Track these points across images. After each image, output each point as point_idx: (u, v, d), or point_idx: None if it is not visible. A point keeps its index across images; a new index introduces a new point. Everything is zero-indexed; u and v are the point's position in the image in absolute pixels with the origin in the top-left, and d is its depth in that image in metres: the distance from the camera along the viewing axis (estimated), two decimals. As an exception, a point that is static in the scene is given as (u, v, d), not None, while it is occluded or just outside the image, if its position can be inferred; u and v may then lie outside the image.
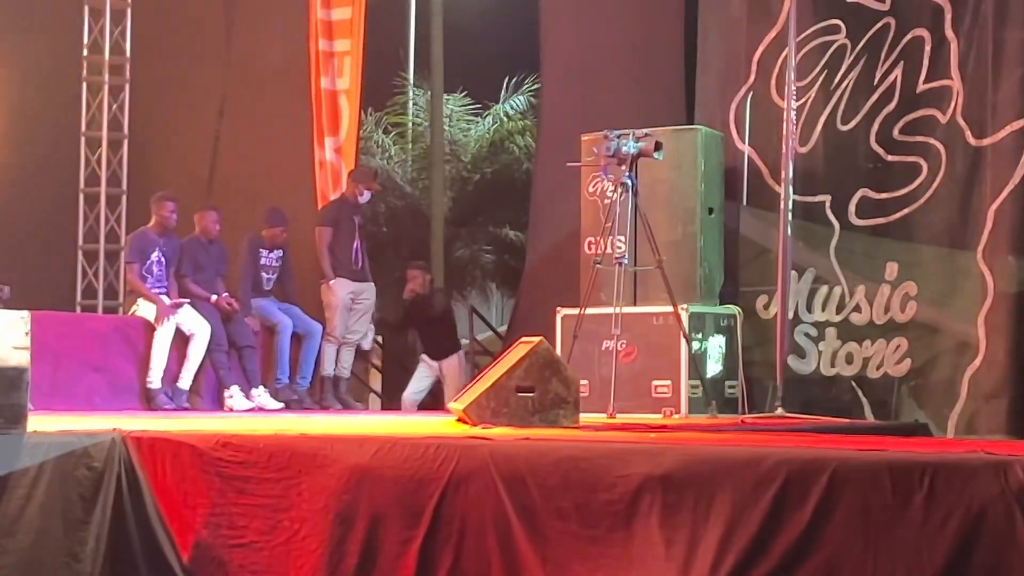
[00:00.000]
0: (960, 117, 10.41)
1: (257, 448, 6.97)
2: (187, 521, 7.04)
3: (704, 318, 10.89)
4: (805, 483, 5.54)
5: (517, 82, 20.65)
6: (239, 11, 14.31)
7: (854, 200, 10.85)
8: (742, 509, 5.63)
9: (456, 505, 6.31)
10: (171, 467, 7.10)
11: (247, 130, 14.08)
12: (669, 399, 10.60)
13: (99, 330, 12.03)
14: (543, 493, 6.09)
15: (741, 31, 11.55)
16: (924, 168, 10.54)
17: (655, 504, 5.83)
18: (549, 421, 8.39)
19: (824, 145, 11.05)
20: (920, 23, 10.64)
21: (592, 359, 10.64)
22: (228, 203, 13.07)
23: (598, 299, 10.72)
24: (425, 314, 13.26)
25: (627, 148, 10.45)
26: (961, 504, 5.27)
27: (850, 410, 10.64)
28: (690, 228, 11.08)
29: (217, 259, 12.29)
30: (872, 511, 5.42)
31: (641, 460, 5.97)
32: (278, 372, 12.29)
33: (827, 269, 10.96)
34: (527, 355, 8.53)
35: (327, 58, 13.74)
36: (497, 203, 20.09)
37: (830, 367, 10.89)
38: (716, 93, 11.67)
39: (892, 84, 10.74)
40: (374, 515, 6.52)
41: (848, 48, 10.97)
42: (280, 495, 6.81)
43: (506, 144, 20.22)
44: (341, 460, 6.69)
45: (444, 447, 6.47)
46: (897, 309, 10.62)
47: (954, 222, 10.40)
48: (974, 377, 10.17)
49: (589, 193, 11.44)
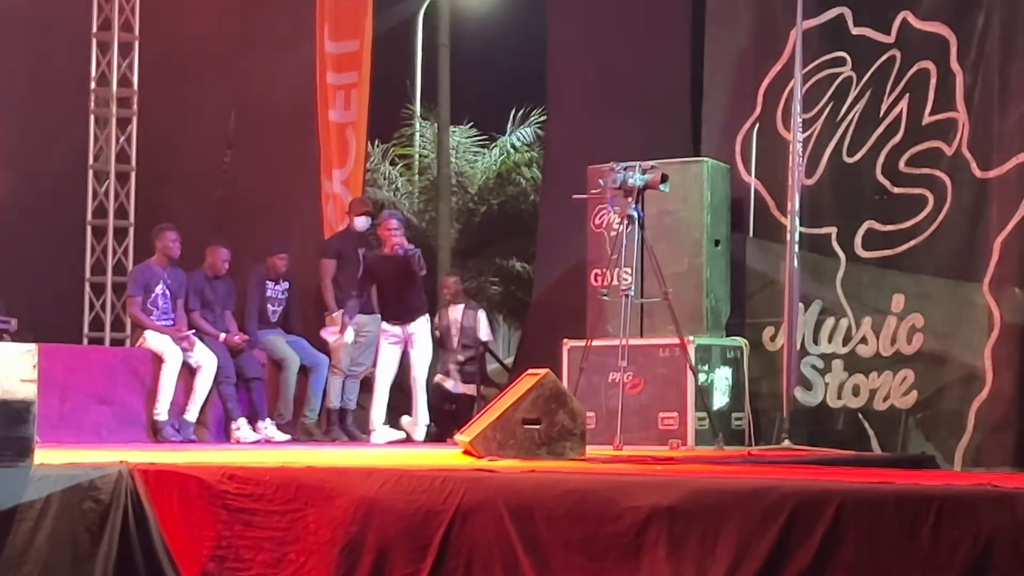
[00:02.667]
0: (966, 149, 10.40)
1: (263, 480, 6.96)
2: (193, 553, 7.02)
3: (711, 350, 10.89)
4: (811, 515, 5.53)
5: (524, 114, 20.75)
6: (247, 44, 14.36)
7: (860, 232, 10.85)
8: (748, 541, 5.62)
9: (463, 537, 6.28)
10: (178, 499, 7.10)
11: (255, 162, 14.12)
12: (676, 431, 10.59)
13: (106, 362, 12.05)
14: (550, 525, 6.07)
15: (747, 63, 11.58)
16: (930, 200, 10.53)
17: (662, 536, 5.82)
18: (556, 453, 8.39)
19: (830, 177, 11.06)
20: (925, 56, 10.64)
21: (599, 391, 10.65)
22: (235, 235, 13.10)
23: (604, 331, 10.73)
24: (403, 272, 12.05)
25: (633, 180, 10.46)
26: (968, 537, 5.26)
27: (857, 442, 10.61)
28: (696, 260, 11.08)
29: (224, 294, 12.34)
30: (878, 543, 5.41)
31: (647, 492, 5.96)
32: (281, 408, 12.29)
33: (833, 301, 10.96)
34: (533, 387, 8.53)
35: (334, 90, 13.80)
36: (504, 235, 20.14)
37: (837, 399, 10.87)
38: (722, 125, 11.70)
39: (898, 116, 10.75)
40: (381, 547, 6.49)
41: (854, 80, 10.99)
42: (286, 527, 6.79)
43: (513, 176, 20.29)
44: (348, 492, 6.68)
45: (451, 479, 6.46)
46: (904, 341, 10.61)
47: (960, 254, 10.39)
48: (981, 409, 10.13)
49: (595, 225, 11.47)
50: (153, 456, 7.88)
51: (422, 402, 12.22)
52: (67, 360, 11.52)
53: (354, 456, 9.06)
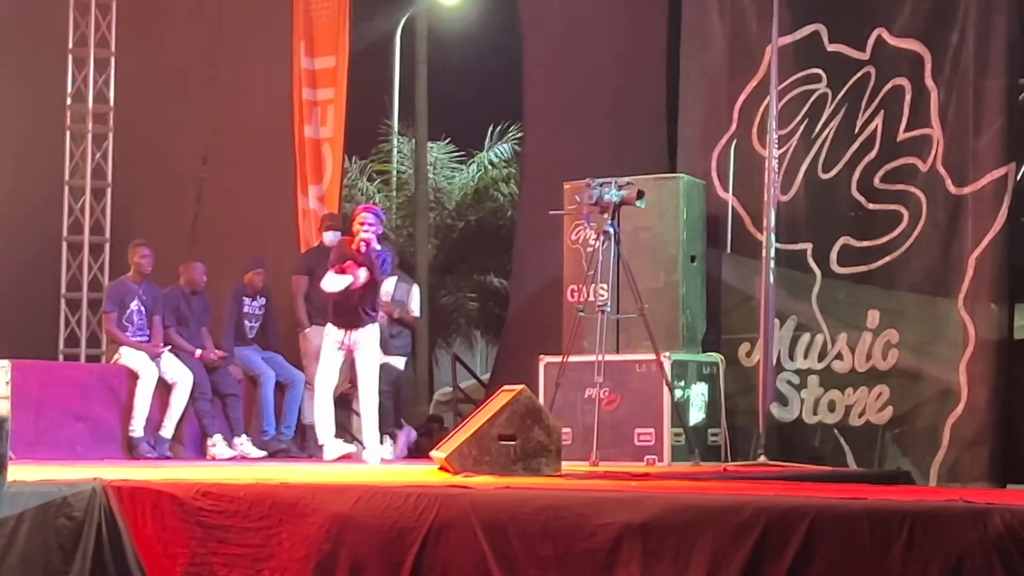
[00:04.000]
0: (941, 166, 10.45)
1: (238, 497, 6.93)
2: (167, 571, 6.99)
3: (687, 366, 10.89)
4: (784, 531, 5.54)
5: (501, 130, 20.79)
6: (223, 60, 14.35)
7: (836, 248, 10.88)
8: (722, 557, 5.63)
9: (437, 554, 6.28)
10: (151, 516, 7.06)
11: (231, 178, 14.10)
12: (652, 447, 10.58)
13: (81, 379, 12.01)
14: (524, 542, 6.07)
15: (723, 80, 11.60)
16: (905, 216, 10.57)
17: (635, 552, 5.82)
18: (531, 469, 8.38)
19: (806, 193, 11.09)
20: (900, 72, 10.68)
21: (575, 407, 10.64)
22: (211, 251, 13.10)
23: (581, 347, 10.73)
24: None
25: (609, 196, 10.51)
26: (940, 552, 5.27)
27: (833, 458, 10.64)
28: (672, 276, 11.09)
29: (200, 311, 12.32)
30: (851, 559, 5.42)
31: (622, 509, 5.96)
32: (264, 424, 12.26)
33: (809, 317, 10.98)
34: (509, 403, 8.52)
35: (311, 106, 13.79)
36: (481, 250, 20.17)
37: (812, 415, 10.89)
38: (698, 141, 11.71)
39: (873, 133, 10.78)
40: (355, 564, 6.48)
41: (829, 97, 11.02)
42: (260, 544, 6.77)
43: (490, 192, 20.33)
44: (322, 509, 6.66)
45: (425, 496, 6.45)
46: (879, 357, 10.63)
47: (935, 270, 10.43)
48: (956, 425, 10.17)
49: (572, 241, 11.47)
50: (127, 473, 7.87)
51: (371, 423, 11.31)
52: (42, 376, 11.48)
53: (329, 473, 9.04)
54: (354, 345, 11.25)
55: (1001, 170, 10.17)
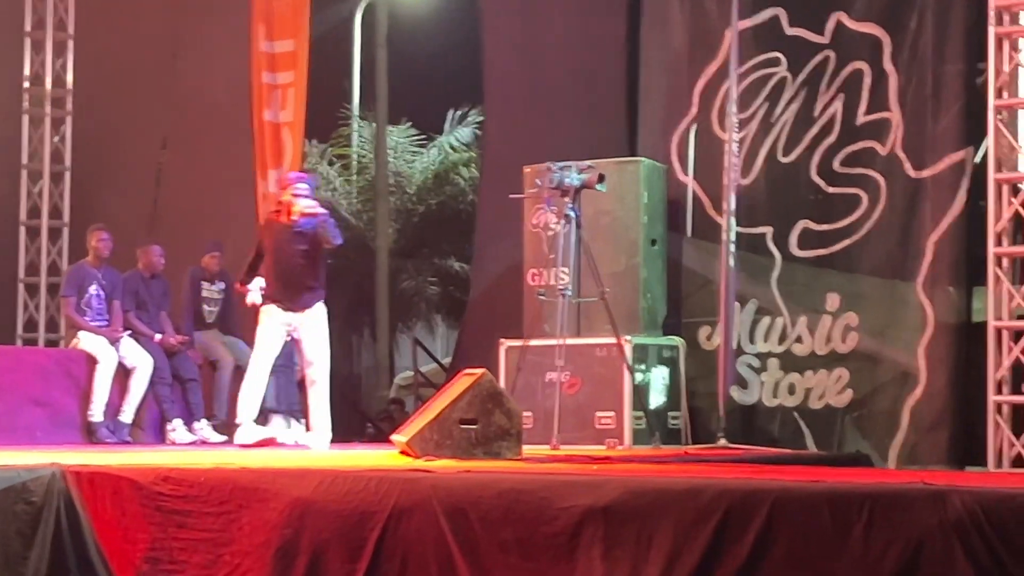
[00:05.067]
0: (900, 149, 10.49)
1: (198, 482, 6.95)
2: (127, 556, 7.01)
3: (647, 349, 10.92)
4: (745, 514, 5.58)
5: (462, 114, 20.76)
6: (182, 43, 14.28)
7: (795, 231, 10.91)
8: (683, 541, 5.66)
9: (398, 538, 6.30)
10: (111, 501, 7.08)
11: (190, 162, 14.03)
12: (613, 430, 10.60)
13: (40, 364, 11.95)
14: (485, 526, 6.10)
15: (683, 64, 11.61)
16: (864, 200, 10.61)
17: (597, 536, 5.85)
18: (492, 453, 8.43)
19: (766, 177, 11.11)
20: (859, 56, 10.71)
21: (535, 391, 10.65)
22: (171, 235, 13.04)
23: (541, 331, 10.74)
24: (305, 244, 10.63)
25: (570, 180, 10.52)
26: (900, 535, 5.32)
27: (793, 441, 10.67)
28: (633, 260, 11.11)
29: (159, 294, 12.28)
30: (812, 542, 5.46)
31: (583, 492, 5.99)
32: (215, 409, 12.22)
33: (769, 300, 11.01)
34: (470, 387, 8.57)
35: (270, 90, 13.73)
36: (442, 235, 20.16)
37: (772, 398, 10.92)
38: (658, 125, 11.73)
39: (832, 116, 10.81)
40: (316, 549, 6.50)
41: (788, 81, 11.04)
42: (221, 529, 6.79)
43: (451, 176, 20.32)
44: (283, 494, 6.68)
45: (386, 480, 6.48)
46: (839, 340, 10.67)
47: (894, 253, 10.47)
48: (915, 408, 10.22)
49: (532, 225, 11.47)
50: (86, 458, 7.86)
51: (321, 409, 10.67)
52: (0, 361, 11.43)
53: (289, 458, 9.01)
54: (300, 326, 10.64)
55: (959, 154, 10.22)
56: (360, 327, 21.23)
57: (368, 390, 20.68)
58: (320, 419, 10.68)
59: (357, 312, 20.46)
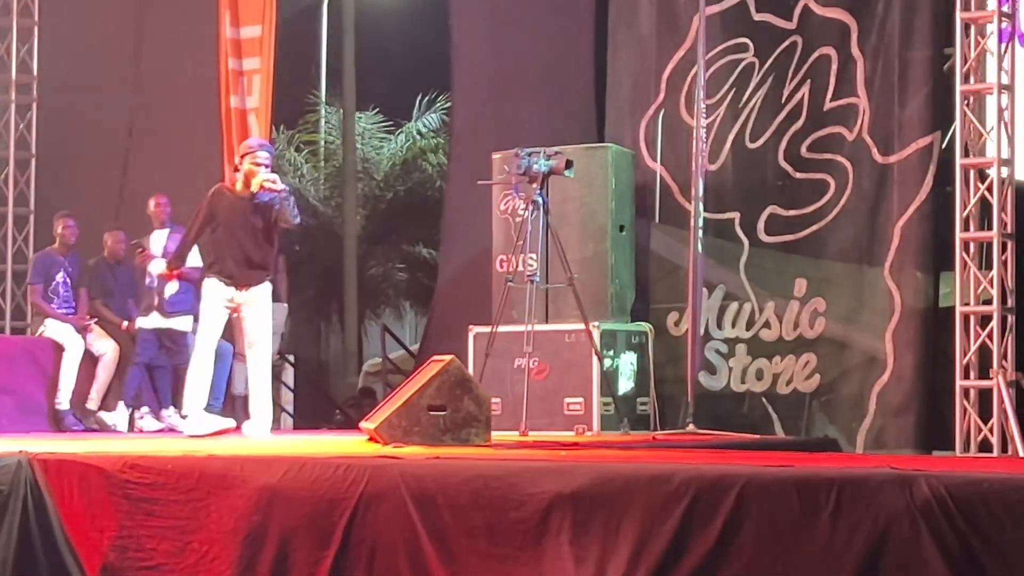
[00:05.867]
0: (867, 135, 10.53)
1: (165, 470, 6.94)
2: (95, 544, 6.99)
3: (616, 335, 10.94)
4: (714, 499, 5.60)
5: (429, 100, 20.75)
6: (148, 29, 14.23)
7: (763, 217, 10.94)
8: (651, 526, 5.68)
9: (366, 525, 6.31)
10: (78, 489, 7.06)
11: (157, 149, 13.98)
12: (581, 416, 10.63)
13: (7, 351, 11.94)
14: (453, 512, 6.12)
15: (650, 50, 11.63)
16: (832, 185, 10.64)
17: (565, 521, 5.87)
18: (461, 440, 8.44)
19: (733, 163, 11.15)
20: (826, 41, 10.74)
21: (504, 377, 10.66)
22: (138, 222, 12.97)
23: (510, 317, 10.73)
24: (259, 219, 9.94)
25: (538, 166, 10.51)
26: (867, 519, 5.34)
27: (761, 426, 10.72)
28: (601, 245, 11.13)
29: (125, 282, 12.23)
30: (780, 527, 5.48)
31: (551, 478, 6.01)
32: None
33: (737, 286, 11.05)
34: (438, 374, 8.57)
35: (236, 76, 13.68)
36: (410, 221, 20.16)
37: (740, 383, 10.96)
38: (626, 111, 11.75)
39: (800, 102, 10.84)
40: (284, 536, 6.51)
41: (756, 66, 11.07)
42: (189, 517, 6.79)
43: (419, 162, 20.32)
44: (250, 481, 6.68)
45: (354, 467, 6.48)
46: (806, 325, 10.72)
47: (861, 239, 10.51)
48: (882, 392, 10.28)
49: (500, 211, 11.49)
50: (53, 446, 7.85)
51: (262, 394, 10.01)
52: (-33, 350, 11.43)
53: (257, 444, 9.03)
54: (244, 304, 9.95)
55: (926, 139, 10.26)
56: (328, 313, 21.22)
57: (336, 377, 20.65)
58: (260, 405, 9.96)
59: (325, 299, 20.45)
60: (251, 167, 9.88)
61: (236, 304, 9.94)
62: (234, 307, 9.96)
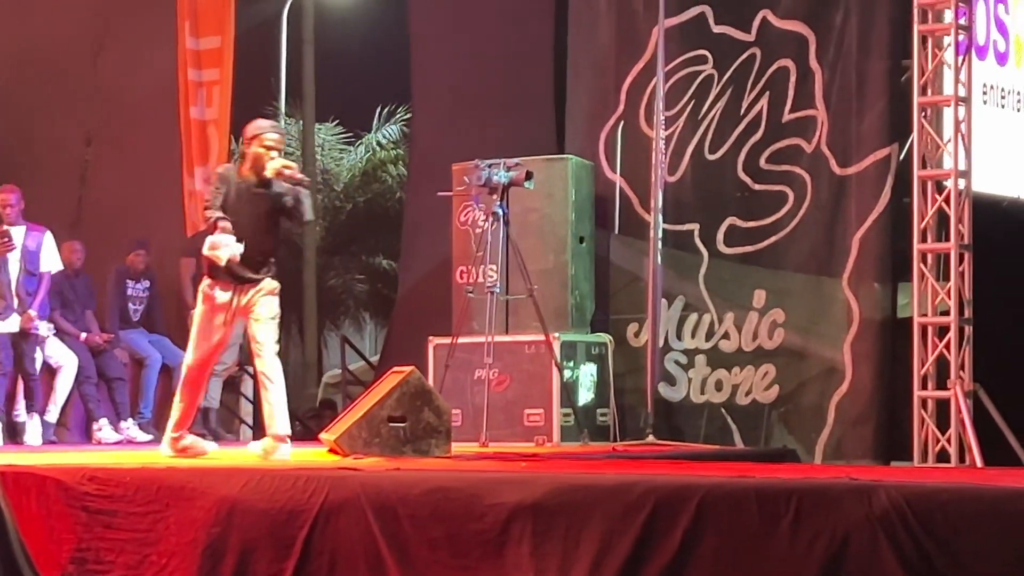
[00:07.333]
0: (825, 146, 10.61)
1: (124, 482, 6.91)
2: (53, 556, 6.94)
3: (576, 346, 10.99)
4: (673, 510, 5.62)
5: (389, 112, 20.79)
6: (107, 39, 14.20)
7: (722, 228, 11.01)
8: (612, 536, 5.70)
9: (327, 536, 6.31)
10: (36, 502, 7.01)
11: (116, 159, 13.96)
12: (541, 427, 10.67)
13: (-37, 363, 11.84)
14: (414, 524, 6.12)
15: (610, 62, 11.69)
16: (790, 197, 10.72)
17: (526, 533, 5.88)
18: (421, 451, 8.46)
19: (692, 174, 11.21)
20: (785, 54, 10.83)
21: (464, 388, 10.70)
22: (97, 233, 12.97)
23: (470, 328, 10.79)
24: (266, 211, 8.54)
25: (498, 177, 10.58)
26: (826, 529, 5.37)
27: (720, 436, 10.78)
28: (561, 257, 11.18)
29: (84, 293, 12.22)
30: (740, 537, 5.51)
31: (511, 489, 6.02)
32: (142, 407, 12.18)
33: (696, 297, 11.11)
34: (398, 385, 8.59)
35: (196, 87, 13.69)
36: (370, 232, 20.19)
37: (700, 394, 11.02)
38: (586, 123, 11.81)
39: (758, 114, 10.93)
40: (244, 547, 6.50)
41: (715, 78, 11.14)
42: (148, 529, 6.76)
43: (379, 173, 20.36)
44: (210, 492, 6.67)
45: (314, 478, 6.48)
46: (765, 336, 10.79)
47: (820, 250, 10.60)
48: (841, 403, 10.35)
49: (460, 222, 11.52)
50: (11, 458, 7.80)
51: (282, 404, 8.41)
52: (-76, 361, 11.33)
53: (217, 456, 8.96)
54: (247, 309, 8.50)
55: (884, 151, 10.36)
56: (288, 325, 21.16)
57: (296, 388, 20.60)
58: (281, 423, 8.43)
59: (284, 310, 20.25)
60: (259, 150, 8.42)
61: (240, 305, 8.48)
62: (238, 308, 8.48)
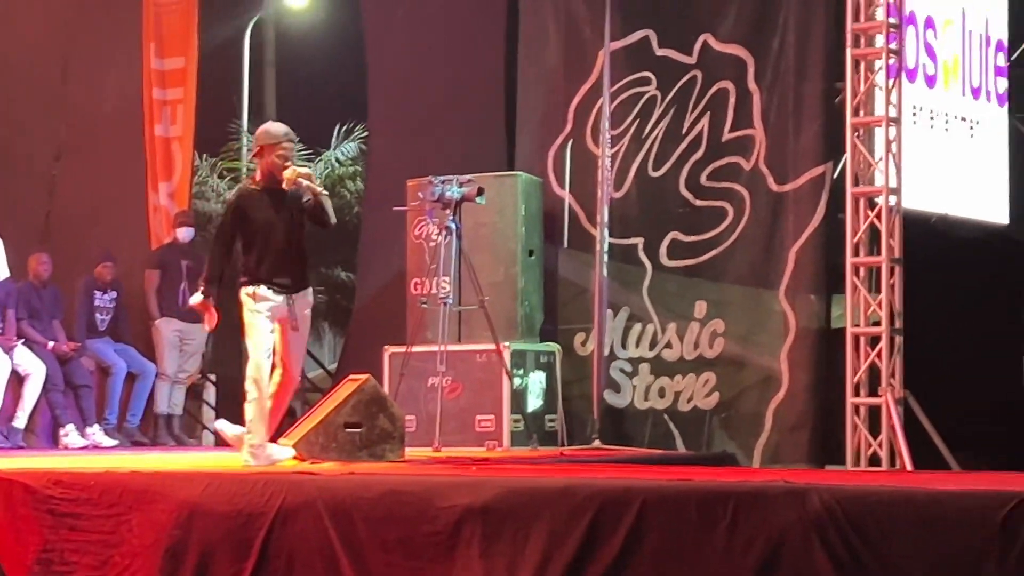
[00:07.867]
0: (763, 164, 10.75)
1: (88, 485, 7.03)
2: (19, 558, 7.08)
3: (525, 355, 11.16)
4: (617, 512, 5.80)
5: (348, 129, 20.88)
6: (74, 58, 14.24)
7: (665, 242, 11.15)
8: (557, 538, 5.87)
9: (284, 539, 6.44)
10: (3, 505, 7.15)
11: (83, 174, 13.97)
12: (492, 433, 10.83)
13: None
14: (368, 526, 6.26)
15: (558, 82, 11.81)
16: (730, 212, 10.86)
17: (475, 535, 6.05)
18: (376, 456, 8.62)
19: (637, 190, 11.33)
20: (725, 76, 10.96)
21: (418, 395, 10.86)
22: (64, 246, 13.08)
23: (424, 337, 10.95)
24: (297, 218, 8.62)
25: (451, 193, 10.77)
26: (762, 531, 5.56)
27: (663, 442, 10.89)
28: (511, 269, 11.34)
29: (51, 304, 12.34)
30: (680, 538, 5.69)
31: (462, 492, 6.18)
32: (107, 413, 12.35)
33: (641, 308, 11.23)
34: (354, 392, 8.76)
35: (160, 106, 13.82)
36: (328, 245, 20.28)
37: (644, 401, 11.15)
38: (535, 141, 11.92)
39: (700, 133, 11.06)
40: (204, 550, 6.63)
41: (658, 99, 11.26)
42: (111, 531, 6.89)
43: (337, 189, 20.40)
44: (171, 496, 6.79)
45: (272, 482, 6.62)
46: (706, 345, 10.91)
47: (758, 263, 10.73)
48: (778, 409, 10.48)
49: (415, 236, 11.65)
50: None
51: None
52: None
53: (178, 461, 9.10)
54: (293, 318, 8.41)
55: (819, 169, 10.52)
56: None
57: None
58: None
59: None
60: (274, 160, 8.50)
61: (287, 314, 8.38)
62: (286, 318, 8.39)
